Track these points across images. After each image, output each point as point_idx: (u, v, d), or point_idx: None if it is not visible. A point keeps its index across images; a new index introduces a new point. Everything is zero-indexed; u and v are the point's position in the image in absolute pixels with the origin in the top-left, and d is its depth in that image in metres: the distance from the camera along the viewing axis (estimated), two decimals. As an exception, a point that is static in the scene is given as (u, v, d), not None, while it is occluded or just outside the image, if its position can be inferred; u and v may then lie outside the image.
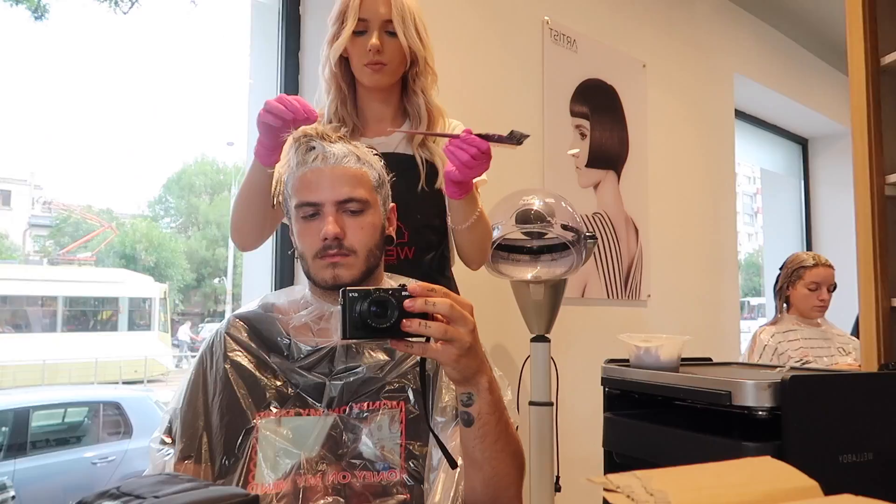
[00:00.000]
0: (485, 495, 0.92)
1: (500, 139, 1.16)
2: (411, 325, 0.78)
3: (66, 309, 10.25)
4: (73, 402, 4.70)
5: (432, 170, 1.41)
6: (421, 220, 1.40)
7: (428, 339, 0.80)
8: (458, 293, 1.42)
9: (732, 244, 3.55)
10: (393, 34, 1.35)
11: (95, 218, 16.05)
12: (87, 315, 10.79)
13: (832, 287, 2.47)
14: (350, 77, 1.42)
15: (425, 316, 0.79)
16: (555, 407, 1.84)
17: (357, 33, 1.35)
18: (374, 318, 0.78)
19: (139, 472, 0.95)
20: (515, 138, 1.15)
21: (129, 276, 12.07)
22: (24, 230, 16.99)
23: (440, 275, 1.43)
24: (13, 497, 3.66)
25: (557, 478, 1.84)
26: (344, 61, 1.40)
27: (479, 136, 1.16)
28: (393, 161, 1.36)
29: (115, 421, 4.48)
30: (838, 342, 2.45)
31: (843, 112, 4.31)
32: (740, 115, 3.92)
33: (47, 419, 4.44)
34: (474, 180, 1.34)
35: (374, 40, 1.33)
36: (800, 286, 2.47)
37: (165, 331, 11.45)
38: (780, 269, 2.57)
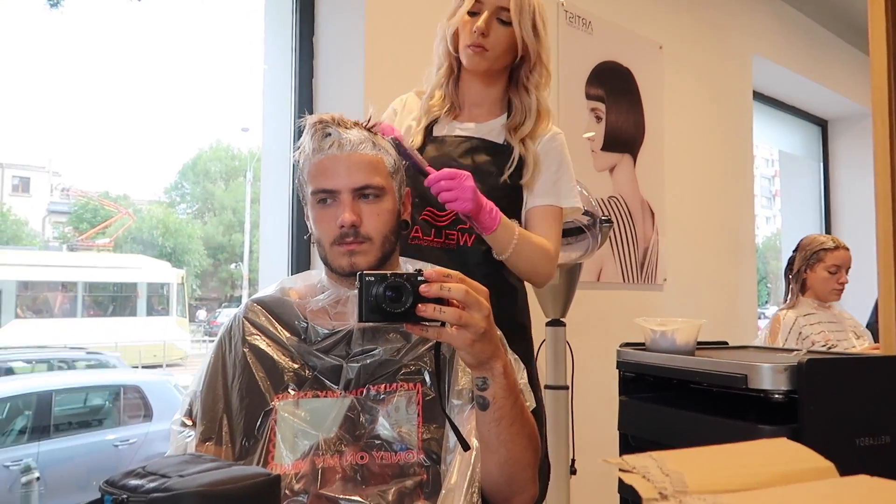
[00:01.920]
0: (500, 478, 0.93)
1: (407, 157, 1.16)
2: (426, 309, 0.79)
3: (85, 294, 10.38)
4: (94, 385, 4.78)
5: (521, 168, 1.37)
6: None
7: (443, 324, 0.81)
8: (512, 281, 1.41)
9: (750, 227, 3.52)
10: (505, 22, 1.32)
11: (113, 204, 16.21)
12: (106, 300, 10.95)
13: (849, 270, 2.45)
14: (458, 61, 1.40)
15: (441, 301, 0.80)
16: (570, 390, 1.84)
17: (472, 14, 1.33)
18: (390, 303, 0.79)
19: (160, 454, 0.96)
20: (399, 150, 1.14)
21: (146, 261, 12.21)
22: (44, 216, 17.19)
23: (498, 266, 1.36)
24: (38, 478, 3.74)
25: (573, 461, 1.84)
26: (457, 40, 1.38)
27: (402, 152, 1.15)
28: (480, 147, 1.35)
29: (136, 404, 4.55)
30: (850, 325, 2.43)
31: (863, 93, 4.24)
32: (758, 96, 3.87)
33: (70, 402, 4.52)
34: (566, 206, 1.37)
35: (480, 23, 1.30)
36: (819, 269, 2.44)
37: (183, 316, 11.58)
38: (795, 251, 2.53)
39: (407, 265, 1.13)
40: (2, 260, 10.33)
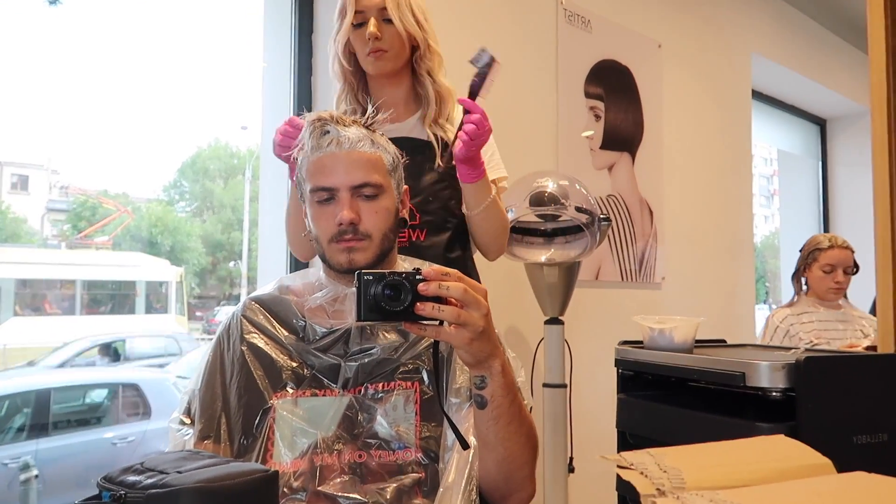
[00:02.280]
0: (498, 476, 0.93)
1: (480, 78, 1.21)
2: (425, 308, 0.79)
3: (84, 292, 10.39)
4: (92, 383, 4.77)
5: (447, 150, 1.41)
6: (433, 202, 1.42)
7: (441, 323, 0.81)
8: (475, 275, 1.44)
9: (748, 226, 3.52)
10: (390, 21, 1.38)
11: (112, 202, 16.20)
12: (105, 298, 10.96)
13: (850, 269, 2.45)
14: (360, 69, 1.47)
15: (439, 299, 0.80)
16: (569, 389, 1.84)
17: (357, 25, 1.40)
18: (388, 301, 0.79)
19: (159, 452, 0.96)
20: (484, 60, 1.19)
21: (145, 259, 12.21)
22: (43, 214, 17.17)
23: (454, 258, 1.44)
24: (36, 476, 3.74)
25: (571, 459, 1.85)
26: (352, 55, 1.45)
27: (470, 95, 1.22)
28: (405, 145, 1.37)
29: (134, 402, 4.55)
30: (859, 324, 2.43)
31: (862, 92, 4.24)
32: (757, 95, 3.87)
33: (68, 400, 4.51)
34: (494, 177, 1.38)
35: (371, 28, 1.37)
36: (815, 268, 2.45)
37: (182, 314, 11.59)
38: (800, 251, 2.55)
39: (405, 263, 1.13)
40: (0, 258, 10.34)
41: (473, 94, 1.23)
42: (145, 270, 11.11)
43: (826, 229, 4.60)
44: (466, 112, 1.23)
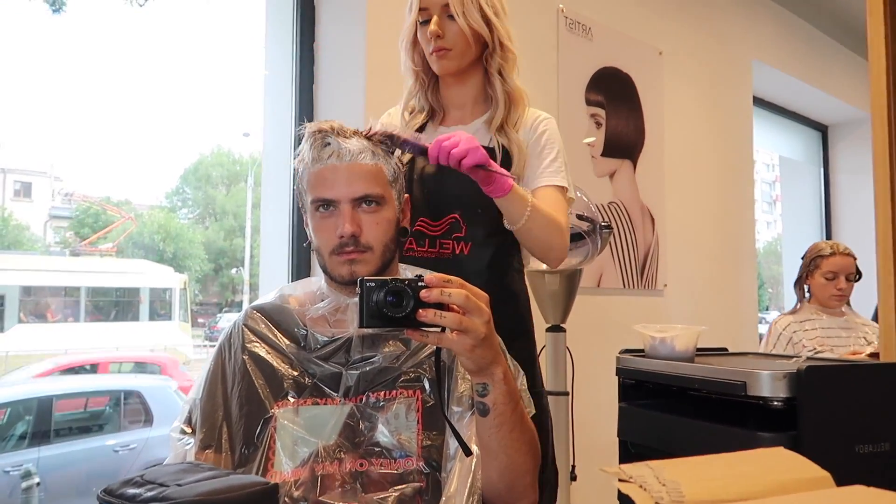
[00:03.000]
0: (501, 483, 0.93)
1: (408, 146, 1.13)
2: (427, 314, 0.79)
3: (89, 299, 10.39)
4: (95, 391, 4.77)
5: (508, 159, 1.34)
6: (482, 213, 1.32)
7: (443, 329, 0.81)
8: (522, 292, 1.39)
9: (750, 233, 3.52)
10: (453, 17, 1.31)
11: (116, 209, 16.27)
12: (109, 305, 10.98)
13: (852, 276, 2.45)
14: (427, 65, 1.40)
15: (441, 306, 0.80)
16: (570, 396, 1.84)
17: (422, 23, 1.33)
18: (390, 308, 0.80)
19: (160, 460, 0.96)
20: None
21: (149, 266, 12.25)
22: (45, 221, 17.21)
23: (497, 273, 1.34)
24: (38, 483, 3.74)
25: (573, 467, 1.84)
26: (421, 53, 1.38)
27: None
28: None
29: (136, 409, 4.55)
30: (862, 331, 2.43)
31: (864, 98, 4.24)
32: (759, 101, 3.88)
33: (70, 408, 4.51)
34: (546, 184, 1.32)
35: (432, 27, 1.30)
36: (817, 275, 2.45)
37: (185, 321, 11.61)
38: (802, 258, 2.55)
39: (406, 272, 1.13)
40: (4, 265, 10.35)
41: (420, 148, 1.15)
42: (149, 277, 11.14)
43: (828, 235, 4.60)
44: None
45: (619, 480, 0.45)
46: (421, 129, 1.41)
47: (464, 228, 1.32)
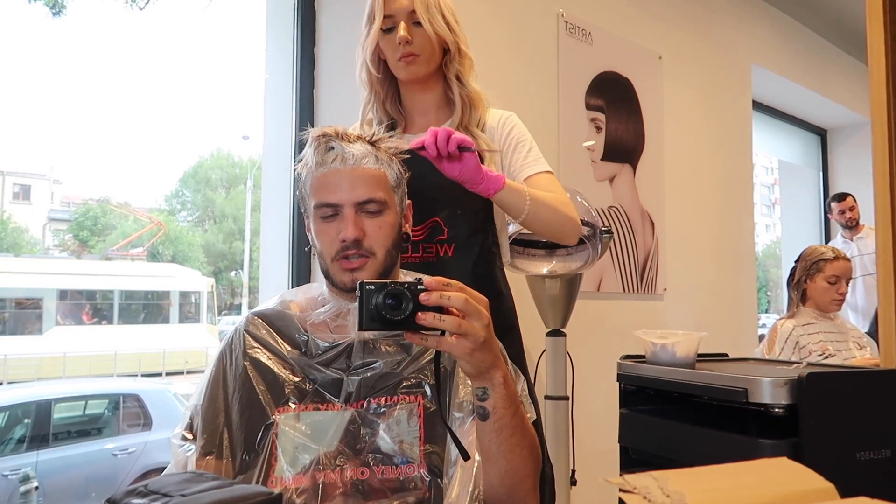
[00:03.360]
0: (501, 488, 0.93)
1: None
2: (426, 318, 0.79)
3: (121, 302, 10.65)
4: (93, 394, 4.77)
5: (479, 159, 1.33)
6: (462, 215, 1.36)
7: (443, 333, 0.81)
8: (505, 290, 1.41)
9: (749, 237, 3.52)
10: (420, 24, 1.33)
11: (145, 214, 16.45)
12: (140, 308, 11.21)
13: (850, 280, 2.45)
14: (390, 76, 1.42)
15: (440, 310, 0.80)
16: (570, 401, 1.84)
17: (386, 30, 1.35)
18: (389, 311, 0.80)
19: (159, 464, 0.96)
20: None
21: (179, 270, 12.44)
22: (44, 224, 17.22)
23: (481, 273, 1.36)
24: (36, 487, 3.73)
25: (573, 472, 1.84)
26: (382, 62, 1.40)
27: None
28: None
29: (135, 413, 4.54)
30: (853, 336, 2.43)
31: (863, 102, 4.25)
32: (758, 105, 3.88)
33: (69, 411, 4.51)
34: (532, 172, 1.34)
35: (401, 33, 1.32)
36: (819, 279, 2.45)
37: (213, 323, 11.76)
38: (797, 261, 2.55)
39: (407, 277, 1.13)
40: (44, 269, 10.72)
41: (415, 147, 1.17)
42: (179, 281, 11.33)
43: (827, 239, 4.61)
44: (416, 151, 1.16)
45: (623, 491, 0.45)
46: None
47: (445, 231, 1.34)
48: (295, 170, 1.12)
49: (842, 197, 4.11)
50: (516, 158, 1.39)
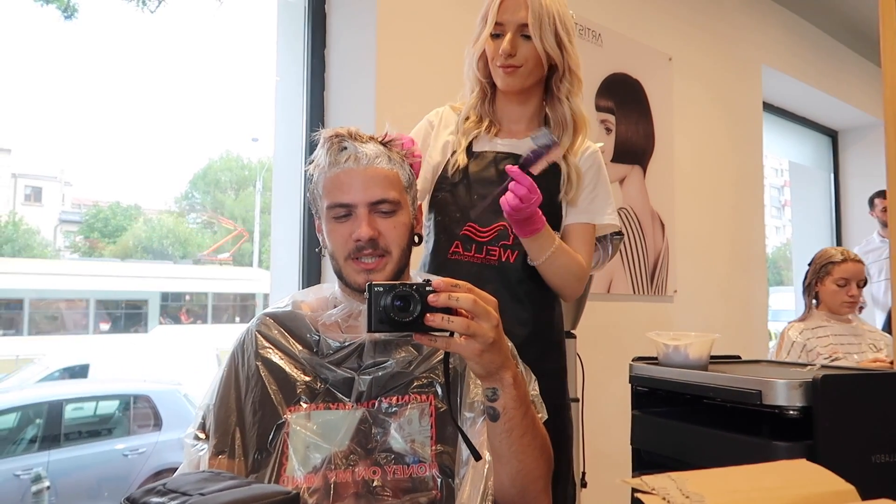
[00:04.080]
0: (513, 489, 0.93)
1: (536, 154, 1.16)
2: (434, 319, 0.79)
3: (214, 303, 11.45)
4: (104, 395, 4.79)
5: (557, 180, 1.37)
6: None
7: (452, 334, 0.81)
8: (554, 307, 1.41)
9: (760, 238, 3.51)
10: (529, 37, 1.32)
11: (229, 221, 16.88)
12: (230, 309, 12.01)
13: (862, 282, 2.43)
14: (491, 81, 1.42)
15: (449, 311, 0.80)
16: (581, 403, 1.83)
17: (494, 36, 1.34)
18: (398, 312, 0.80)
19: (169, 464, 0.97)
20: (544, 141, 1.15)
21: (260, 273, 13.00)
22: (55, 226, 17.33)
23: (540, 284, 1.35)
24: (48, 487, 3.75)
25: (583, 474, 1.83)
26: (486, 61, 1.40)
27: (520, 166, 1.16)
28: (514, 162, 1.36)
29: (146, 414, 4.55)
30: (870, 338, 2.41)
31: (874, 103, 4.22)
32: (768, 107, 3.87)
33: (80, 412, 4.53)
34: (588, 221, 1.36)
35: (505, 44, 1.31)
36: (828, 282, 2.43)
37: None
38: (809, 264, 2.54)
39: (417, 278, 1.13)
40: (148, 273, 11.67)
41: (525, 166, 1.17)
42: (262, 284, 11.97)
43: (838, 241, 4.58)
44: (512, 180, 1.17)
45: (640, 492, 0.45)
46: (475, 138, 1.43)
47: (511, 237, 1.33)
48: (306, 171, 1.12)
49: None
50: (583, 196, 1.39)
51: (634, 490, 0.46)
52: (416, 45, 2.03)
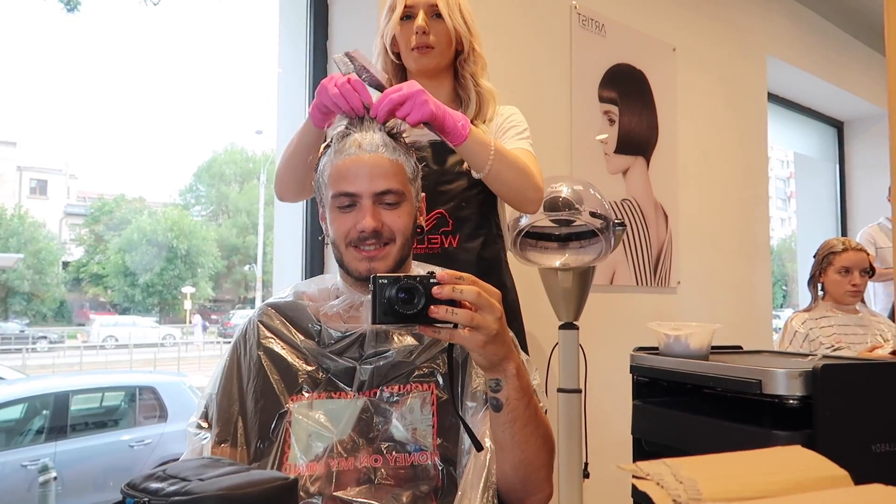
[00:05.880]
0: (515, 478, 0.93)
1: (365, 77, 1.14)
2: (438, 311, 0.80)
3: None
4: (110, 386, 4.82)
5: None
6: (466, 207, 1.39)
7: (455, 326, 0.82)
8: (509, 280, 1.41)
9: (764, 230, 3.50)
10: (440, 17, 1.37)
11: None
12: None
13: (866, 271, 2.43)
14: (402, 69, 1.45)
15: (453, 303, 0.80)
16: (583, 394, 1.84)
17: (405, 18, 1.38)
18: (402, 305, 0.80)
19: (174, 455, 0.97)
20: (348, 67, 1.13)
21: None
22: (60, 219, 17.39)
23: (486, 265, 1.38)
24: (55, 478, 3.78)
25: (586, 464, 1.84)
26: (396, 55, 1.43)
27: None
28: (439, 148, 1.37)
29: (152, 405, 4.59)
30: (877, 328, 2.41)
31: (880, 94, 4.20)
32: (773, 98, 3.84)
33: (86, 403, 4.56)
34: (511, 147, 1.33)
35: (419, 21, 1.35)
36: (831, 272, 2.44)
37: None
38: (814, 256, 2.54)
39: (419, 269, 1.13)
40: None
41: (380, 88, 1.15)
42: None
43: (843, 232, 4.56)
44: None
45: (636, 478, 0.45)
46: None
47: (450, 223, 1.36)
48: (319, 154, 1.10)
49: None
50: (505, 137, 1.41)
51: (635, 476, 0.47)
52: (419, 36, 2.03)
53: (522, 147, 1.39)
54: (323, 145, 1.08)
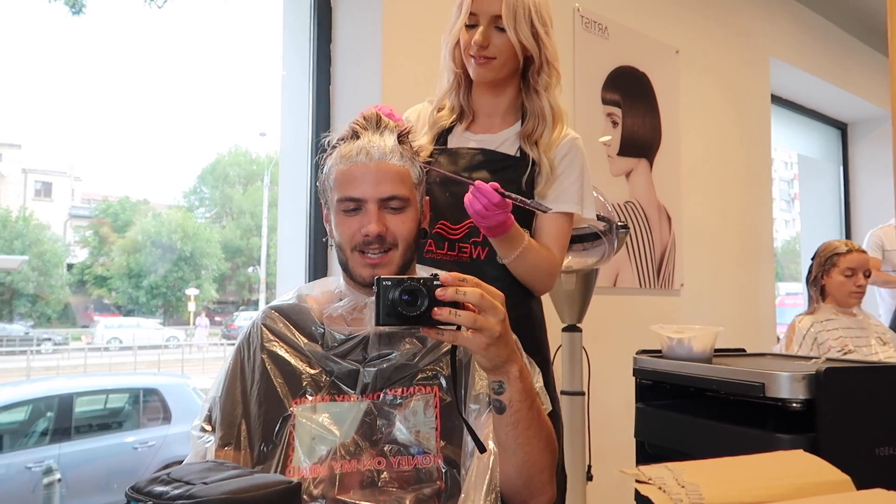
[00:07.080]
0: (518, 480, 0.93)
1: (521, 202, 1.15)
2: (442, 313, 0.80)
3: None
4: (114, 388, 4.83)
5: (533, 173, 1.35)
6: None
7: (458, 328, 0.82)
8: (537, 304, 1.41)
9: (768, 232, 3.49)
10: (503, 29, 1.30)
11: None
12: None
13: (868, 273, 2.43)
14: (466, 69, 1.39)
15: (456, 305, 0.80)
16: (586, 396, 1.84)
17: (469, 26, 1.33)
18: (406, 306, 0.81)
19: (178, 457, 0.98)
20: (539, 208, 1.14)
21: None
22: (65, 221, 17.43)
23: (510, 279, 1.34)
24: (59, 480, 3.79)
25: (589, 467, 1.84)
26: (461, 50, 1.37)
27: (500, 193, 1.14)
28: (489, 158, 1.35)
29: (155, 407, 4.59)
30: (876, 331, 2.41)
31: (884, 96, 4.19)
32: (777, 99, 3.84)
33: (90, 405, 4.57)
34: (561, 210, 1.33)
35: (477, 36, 1.30)
36: (835, 273, 2.43)
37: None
38: (812, 258, 2.53)
39: (423, 273, 1.13)
40: None
41: (509, 196, 1.16)
42: None
43: (847, 234, 4.55)
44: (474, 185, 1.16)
45: (639, 482, 0.45)
46: (449, 130, 1.42)
47: (482, 234, 1.33)
48: (322, 157, 1.11)
49: None
50: (555, 186, 1.37)
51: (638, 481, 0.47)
52: (422, 39, 2.03)
53: (563, 213, 1.37)
54: (330, 146, 1.09)
